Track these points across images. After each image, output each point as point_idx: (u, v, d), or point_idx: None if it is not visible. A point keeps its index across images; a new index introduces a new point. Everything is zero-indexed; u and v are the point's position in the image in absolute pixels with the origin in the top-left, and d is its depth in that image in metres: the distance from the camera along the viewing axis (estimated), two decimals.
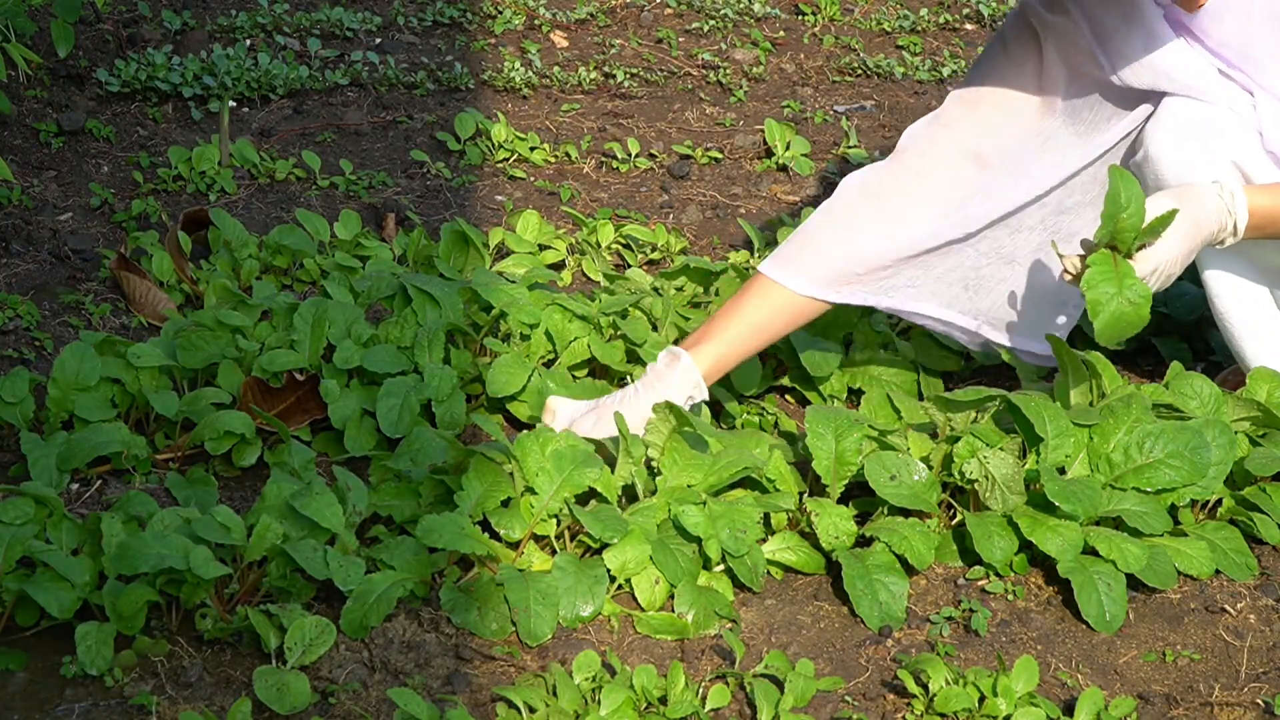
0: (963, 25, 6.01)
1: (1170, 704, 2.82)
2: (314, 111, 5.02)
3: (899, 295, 3.43)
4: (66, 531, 2.91)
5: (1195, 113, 3.23)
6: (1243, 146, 3.22)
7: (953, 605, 3.04)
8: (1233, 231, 3.16)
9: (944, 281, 3.44)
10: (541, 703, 2.68)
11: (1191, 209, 3.11)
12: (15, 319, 3.81)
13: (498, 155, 4.79)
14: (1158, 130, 3.25)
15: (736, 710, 2.77)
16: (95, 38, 5.33)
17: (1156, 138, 3.24)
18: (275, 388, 3.45)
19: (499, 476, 3.03)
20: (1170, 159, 3.23)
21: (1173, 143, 3.23)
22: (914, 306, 3.45)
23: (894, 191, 3.41)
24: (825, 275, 3.38)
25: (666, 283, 3.92)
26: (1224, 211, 3.14)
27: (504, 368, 3.50)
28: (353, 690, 2.74)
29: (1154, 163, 3.24)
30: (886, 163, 3.47)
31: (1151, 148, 3.25)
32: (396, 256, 4.10)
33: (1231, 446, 3.16)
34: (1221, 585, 3.11)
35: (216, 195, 4.47)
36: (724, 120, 5.14)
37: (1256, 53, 3.20)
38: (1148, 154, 3.25)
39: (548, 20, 5.80)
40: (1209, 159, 3.21)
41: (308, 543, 2.87)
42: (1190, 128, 3.23)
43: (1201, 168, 3.21)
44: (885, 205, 3.40)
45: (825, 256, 3.37)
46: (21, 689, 2.73)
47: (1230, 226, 3.16)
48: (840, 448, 3.16)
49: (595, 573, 2.94)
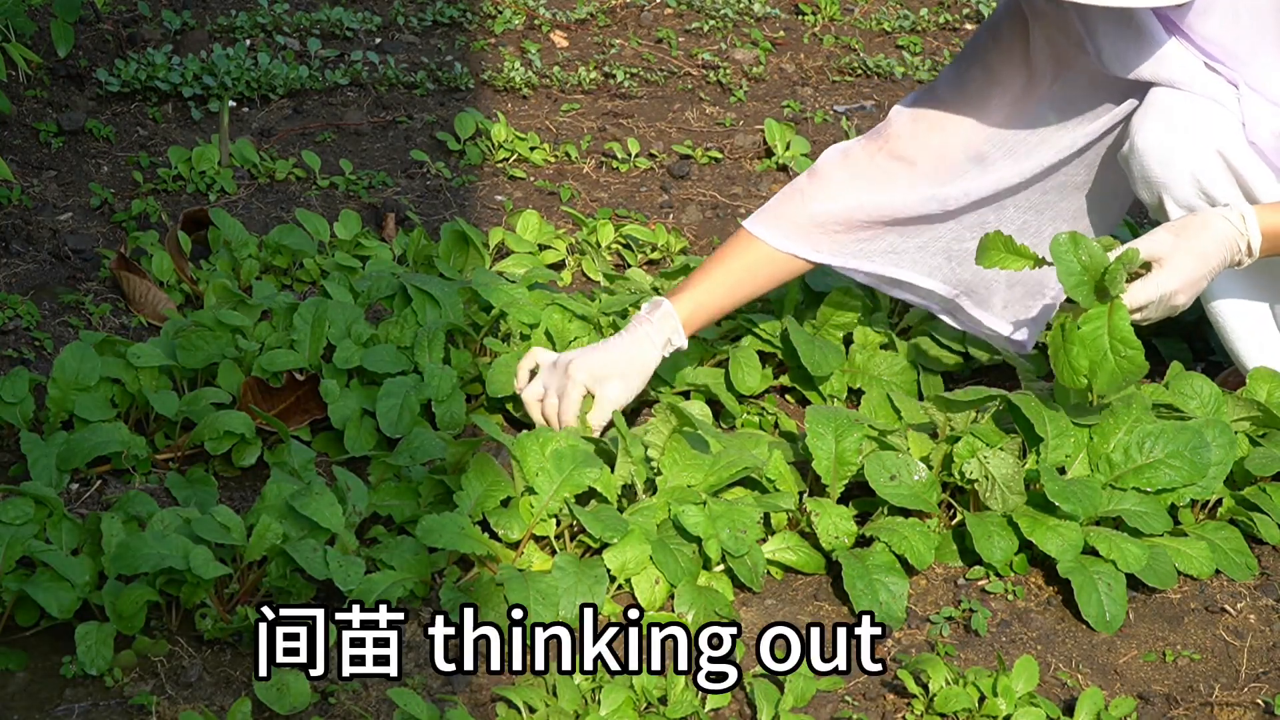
0: (963, 25, 6.01)
1: (1170, 704, 2.82)
2: (314, 111, 5.02)
3: (878, 260, 3.52)
4: (66, 531, 2.91)
5: (1180, 103, 3.25)
6: (1227, 137, 3.23)
7: (953, 605, 3.04)
8: (1247, 252, 3.17)
9: (925, 250, 3.52)
10: (541, 703, 2.68)
11: (1192, 241, 3.12)
12: (15, 319, 3.81)
13: (498, 155, 4.79)
14: (1143, 121, 3.27)
15: (736, 710, 2.77)
16: (95, 38, 5.33)
17: (1142, 128, 3.26)
18: (275, 388, 3.45)
19: (499, 476, 3.03)
20: (1156, 149, 3.24)
21: (1158, 133, 3.24)
22: (892, 272, 3.53)
23: (878, 165, 3.49)
24: (804, 232, 3.48)
25: (666, 283, 3.92)
26: (1235, 235, 3.15)
27: (504, 368, 3.50)
28: (353, 690, 2.74)
29: (1139, 153, 3.26)
30: (870, 136, 3.54)
31: (1137, 138, 3.26)
32: (396, 256, 4.10)
33: (1231, 446, 3.16)
34: (1221, 585, 3.11)
35: (216, 195, 4.47)
36: (724, 120, 5.14)
37: (1242, 49, 3.23)
38: (1133, 145, 3.27)
39: (548, 20, 5.80)
40: (1194, 148, 3.23)
41: (308, 543, 2.87)
42: (1175, 118, 3.24)
43: (1186, 157, 3.23)
44: (869, 174, 3.48)
45: (806, 214, 3.48)
46: (21, 689, 2.73)
47: (1244, 248, 3.16)
48: (840, 448, 3.16)
49: (595, 573, 2.94)
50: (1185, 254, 3.11)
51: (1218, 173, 3.23)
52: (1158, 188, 3.26)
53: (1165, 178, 3.25)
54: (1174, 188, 3.25)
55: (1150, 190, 3.28)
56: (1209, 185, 3.23)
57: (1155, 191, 3.27)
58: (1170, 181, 3.24)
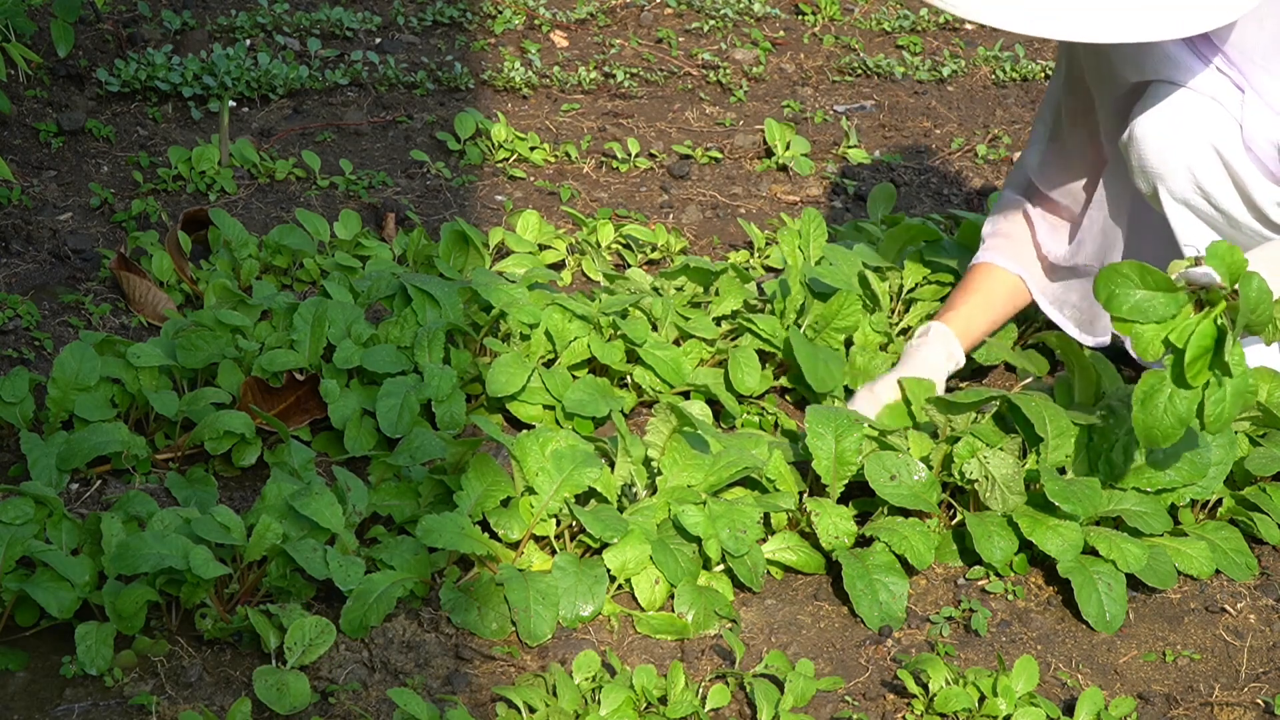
0: (963, 25, 6.01)
1: (1170, 704, 2.82)
2: (314, 111, 5.02)
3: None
4: (66, 531, 2.91)
5: (1180, 97, 3.26)
6: (1223, 135, 3.24)
7: (953, 605, 3.04)
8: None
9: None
10: (541, 703, 2.68)
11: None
12: (15, 319, 3.81)
13: (498, 155, 4.79)
14: (1143, 111, 3.28)
15: (736, 710, 2.77)
16: (95, 38, 5.33)
17: (1142, 119, 3.27)
18: (275, 388, 3.45)
19: (499, 476, 3.03)
20: (1154, 139, 3.26)
21: (1157, 124, 3.26)
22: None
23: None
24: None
25: (666, 283, 3.92)
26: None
27: (504, 368, 3.50)
28: (353, 690, 2.74)
29: (1137, 143, 3.28)
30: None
31: (1136, 128, 3.28)
32: (396, 256, 4.10)
33: (1231, 446, 3.16)
34: (1221, 585, 3.11)
35: (216, 195, 4.47)
36: (724, 120, 5.14)
37: (1257, 56, 3.23)
38: (1132, 134, 3.29)
39: (548, 20, 5.80)
40: (1191, 142, 3.24)
41: (308, 543, 2.87)
42: (1175, 111, 3.26)
43: (1183, 150, 3.24)
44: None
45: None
46: (21, 689, 2.73)
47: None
48: (840, 448, 3.16)
49: (595, 573, 2.94)
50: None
51: (1213, 169, 3.24)
52: (1154, 178, 3.28)
53: (1162, 169, 3.26)
54: (1170, 179, 3.26)
55: (1146, 180, 3.29)
56: (1204, 180, 3.24)
57: (1151, 182, 3.29)
58: (1166, 173, 3.26)
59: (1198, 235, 3.33)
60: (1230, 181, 3.25)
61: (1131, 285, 2.83)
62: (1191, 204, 3.28)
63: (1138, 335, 2.83)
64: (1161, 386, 2.84)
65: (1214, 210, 3.28)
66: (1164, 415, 2.84)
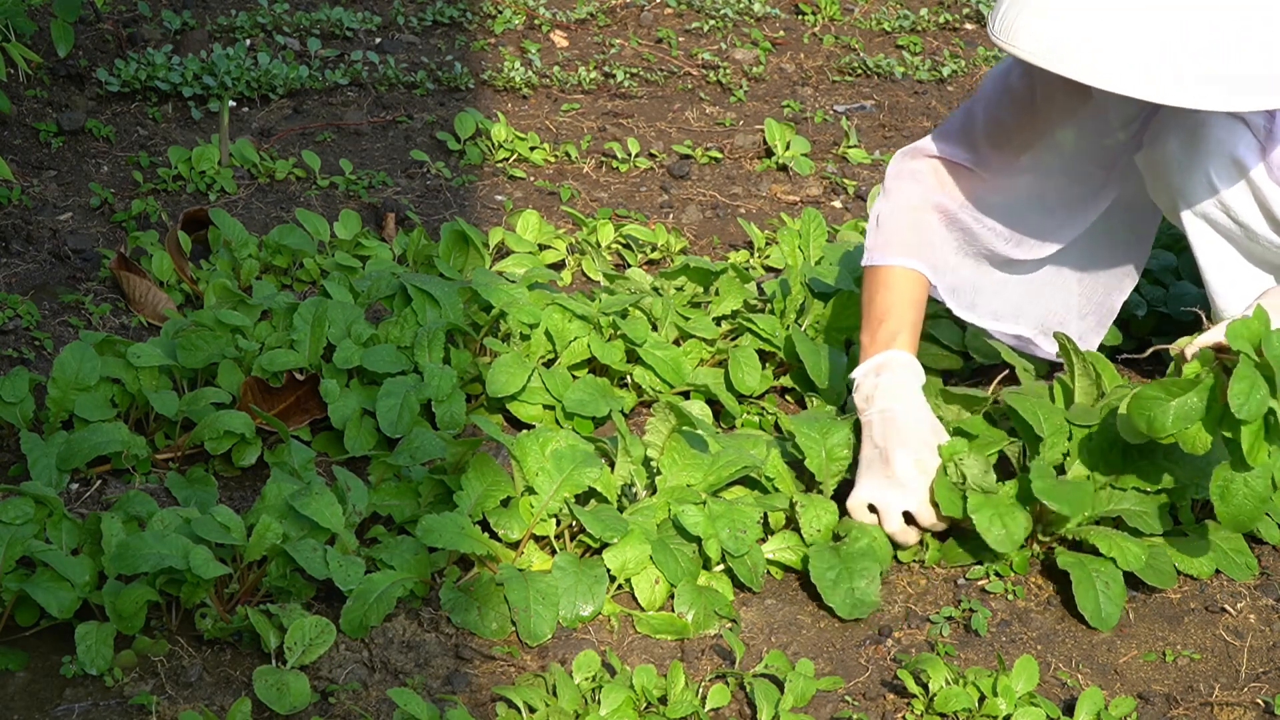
0: (963, 25, 6.01)
1: (1170, 704, 2.82)
2: (314, 111, 5.02)
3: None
4: (66, 531, 2.91)
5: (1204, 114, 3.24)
6: (1243, 147, 3.23)
7: (953, 605, 3.04)
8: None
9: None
10: (541, 703, 2.68)
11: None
12: (15, 319, 3.81)
13: (498, 155, 4.79)
14: (1165, 126, 3.26)
15: (736, 710, 2.77)
16: (95, 38, 5.34)
17: (1164, 133, 3.26)
18: (275, 387, 3.45)
19: (499, 476, 3.03)
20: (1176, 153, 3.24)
21: (1180, 138, 3.24)
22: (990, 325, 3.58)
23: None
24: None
25: (666, 283, 3.92)
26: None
27: (504, 368, 3.50)
28: (353, 690, 2.74)
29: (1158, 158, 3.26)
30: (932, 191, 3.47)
31: (1157, 143, 3.26)
32: (396, 256, 4.10)
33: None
34: (1221, 585, 3.11)
35: (216, 195, 4.47)
36: (724, 120, 5.14)
37: None
38: (1153, 149, 3.27)
39: (548, 20, 5.80)
40: (1212, 157, 3.22)
41: (308, 542, 2.88)
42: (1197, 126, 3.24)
43: (1204, 165, 3.22)
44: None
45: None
46: (21, 689, 2.73)
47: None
48: (829, 444, 3.17)
49: (595, 573, 2.95)
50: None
51: (1235, 183, 3.22)
52: (1174, 192, 3.26)
53: (1183, 184, 3.24)
54: (1190, 194, 3.25)
55: (1167, 194, 3.28)
56: (1225, 195, 3.22)
57: (1171, 197, 3.27)
58: (1187, 188, 3.24)
59: (1216, 254, 3.32)
60: (1252, 196, 3.23)
61: (1163, 402, 2.83)
62: (1210, 217, 3.26)
63: (1191, 440, 2.83)
64: (1234, 477, 2.84)
65: (1233, 223, 3.26)
66: (1245, 501, 2.84)
